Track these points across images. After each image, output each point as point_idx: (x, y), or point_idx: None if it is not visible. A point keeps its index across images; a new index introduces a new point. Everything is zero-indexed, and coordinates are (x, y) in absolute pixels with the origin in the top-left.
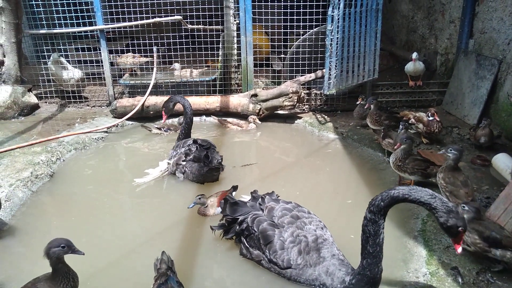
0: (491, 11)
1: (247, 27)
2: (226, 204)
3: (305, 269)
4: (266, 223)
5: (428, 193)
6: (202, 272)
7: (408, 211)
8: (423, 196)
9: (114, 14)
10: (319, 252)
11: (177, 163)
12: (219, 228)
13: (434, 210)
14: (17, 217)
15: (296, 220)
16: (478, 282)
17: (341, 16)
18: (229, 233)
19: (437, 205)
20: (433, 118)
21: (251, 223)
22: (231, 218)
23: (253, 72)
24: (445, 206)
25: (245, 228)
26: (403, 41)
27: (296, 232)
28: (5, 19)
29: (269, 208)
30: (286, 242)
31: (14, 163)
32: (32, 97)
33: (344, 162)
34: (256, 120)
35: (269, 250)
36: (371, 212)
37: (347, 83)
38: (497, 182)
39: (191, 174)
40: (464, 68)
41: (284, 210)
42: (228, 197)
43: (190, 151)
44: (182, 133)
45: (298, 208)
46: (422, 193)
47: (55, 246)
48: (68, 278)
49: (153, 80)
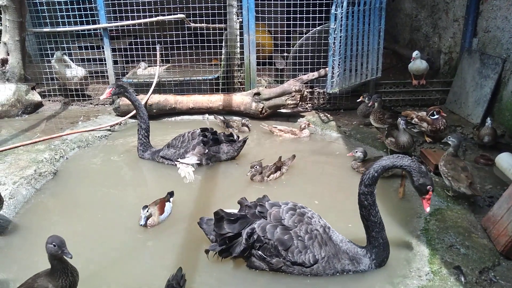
0: (495, 10)
1: (250, 25)
2: (222, 221)
3: (330, 260)
4: (279, 228)
5: (409, 159)
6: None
7: (411, 210)
8: (405, 162)
9: (117, 12)
10: (331, 240)
11: (200, 154)
12: (218, 246)
13: (411, 172)
14: (21, 215)
15: (303, 217)
16: (481, 281)
17: (344, 14)
18: (234, 251)
19: (415, 167)
20: (438, 116)
21: (262, 233)
22: (233, 234)
23: (256, 71)
24: (419, 168)
25: (256, 240)
26: (407, 39)
27: (309, 228)
28: (9, 18)
29: (273, 214)
30: (305, 241)
31: (18, 161)
32: (35, 95)
33: (347, 161)
34: (310, 124)
35: (292, 253)
36: (367, 185)
37: (350, 82)
38: (501, 181)
39: (224, 154)
40: (468, 67)
41: (290, 211)
42: (221, 212)
43: (207, 138)
44: (144, 137)
45: (298, 205)
46: (404, 160)
47: (49, 242)
48: (67, 274)
49: (156, 78)
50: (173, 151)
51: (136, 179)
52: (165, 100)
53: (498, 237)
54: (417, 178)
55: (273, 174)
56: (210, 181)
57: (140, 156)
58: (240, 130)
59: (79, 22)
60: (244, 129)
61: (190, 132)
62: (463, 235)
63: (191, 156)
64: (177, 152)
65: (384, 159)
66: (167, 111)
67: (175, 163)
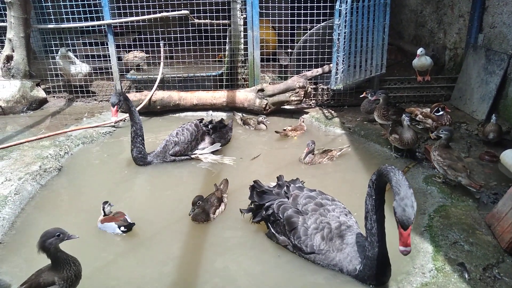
0: (501, 5)
1: (254, 21)
2: (254, 191)
3: (328, 254)
4: (291, 210)
5: (398, 178)
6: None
7: None
8: (392, 178)
9: (122, 8)
10: (342, 238)
11: (213, 140)
12: (247, 211)
13: (394, 191)
14: (26, 210)
15: (319, 207)
16: (485, 278)
17: (348, 10)
18: (256, 217)
19: (398, 190)
20: (443, 112)
21: (276, 209)
22: (258, 204)
23: (259, 67)
24: (406, 189)
25: (271, 214)
26: (412, 35)
27: (319, 219)
28: (14, 14)
29: (294, 196)
30: (309, 229)
31: (23, 157)
32: (40, 92)
33: (351, 157)
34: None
35: (294, 236)
36: (368, 186)
37: (354, 78)
38: (505, 178)
39: (222, 140)
40: (473, 63)
41: (308, 198)
42: (255, 184)
43: (209, 127)
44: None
45: (322, 196)
46: (395, 176)
47: (50, 237)
48: (69, 264)
49: (160, 75)
50: (185, 146)
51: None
52: (169, 96)
53: (502, 234)
54: (396, 204)
55: (218, 209)
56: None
57: (141, 164)
58: (256, 128)
59: (83, 18)
60: (261, 127)
61: (188, 125)
62: (467, 232)
63: (210, 146)
64: (189, 146)
65: (384, 166)
66: (171, 108)
67: (192, 156)
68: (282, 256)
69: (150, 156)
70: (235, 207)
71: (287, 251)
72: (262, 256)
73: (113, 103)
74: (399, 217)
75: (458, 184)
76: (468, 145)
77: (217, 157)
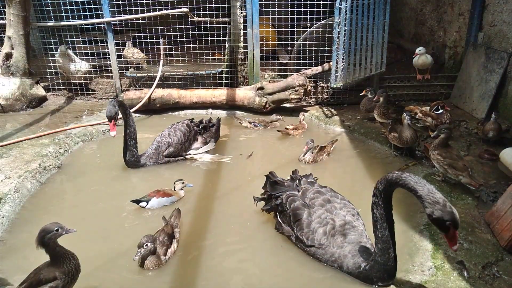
0: (501, 3)
1: (253, 19)
2: (267, 181)
3: (327, 249)
4: (298, 202)
5: (416, 180)
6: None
7: (414, 205)
8: (410, 182)
9: (121, 6)
10: (345, 236)
11: (206, 140)
12: (260, 199)
13: (421, 199)
14: (26, 208)
15: (327, 203)
16: (484, 276)
17: (348, 8)
18: (265, 207)
19: (423, 193)
20: (443, 110)
21: (285, 200)
22: (269, 194)
23: (259, 65)
24: (431, 196)
25: (279, 204)
26: (411, 34)
27: (324, 214)
28: (13, 12)
29: (303, 190)
30: (313, 222)
31: (23, 155)
32: (40, 90)
33: (351, 155)
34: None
35: (297, 227)
36: (374, 195)
37: (354, 76)
38: (505, 176)
39: (213, 139)
40: (473, 62)
41: (316, 193)
42: (270, 174)
43: (199, 127)
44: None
45: (332, 193)
46: (411, 178)
47: (49, 231)
48: (69, 258)
49: (159, 73)
50: (179, 147)
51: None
52: (169, 94)
53: (501, 232)
54: (430, 210)
55: (169, 249)
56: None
57: (132, 167)
58: (271, 126)
59: (83, 16)
60: (275, 125)
61: (180, 125)
62: (466, 230)
63: (204, 146)
64: (183, 146)
65: (393, 172)
66: (170, 106)
67: (186, 156)
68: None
69: (142, 158)
70: (235, 207)
71: (287, 250)
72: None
73: (110, 117)
74: (452, 220)
75: (458, 182)
76: (468, 143)
77: (213, 156)
